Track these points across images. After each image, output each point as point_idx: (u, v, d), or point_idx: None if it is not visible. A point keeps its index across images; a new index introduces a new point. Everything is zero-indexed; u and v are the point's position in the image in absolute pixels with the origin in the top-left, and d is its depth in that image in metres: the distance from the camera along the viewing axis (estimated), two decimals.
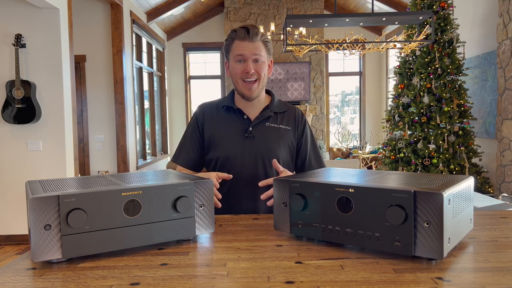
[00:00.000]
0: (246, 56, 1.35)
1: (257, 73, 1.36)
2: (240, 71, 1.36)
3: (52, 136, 3.72)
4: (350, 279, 0.69)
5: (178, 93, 8.04)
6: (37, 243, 0.75)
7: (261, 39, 1.37)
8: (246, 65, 1.35)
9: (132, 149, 5.66)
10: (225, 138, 1.42)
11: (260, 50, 1.36)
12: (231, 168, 1.38)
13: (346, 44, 4.14)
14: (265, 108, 1.44)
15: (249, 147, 1.39)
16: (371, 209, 0.79)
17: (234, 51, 1.37)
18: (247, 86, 1.37)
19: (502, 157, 4.01)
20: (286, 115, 1.48)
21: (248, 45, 1.34)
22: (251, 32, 1.34)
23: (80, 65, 5.34)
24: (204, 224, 0.93)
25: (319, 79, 7.57)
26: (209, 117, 1.46)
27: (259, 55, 1.36)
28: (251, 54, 1.35)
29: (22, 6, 3.62)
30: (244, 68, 1.35)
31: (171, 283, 0.69)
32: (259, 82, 1.38)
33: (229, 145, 1.40)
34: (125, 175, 1.01)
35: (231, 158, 1.39)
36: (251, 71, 1.35)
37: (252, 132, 1.41)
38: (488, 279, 0.68)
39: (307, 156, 1.50)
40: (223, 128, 1.43)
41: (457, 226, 0.81)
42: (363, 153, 4.73)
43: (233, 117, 1.44)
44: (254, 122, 1.42)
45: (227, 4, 7.43)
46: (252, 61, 1.35)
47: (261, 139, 1.40)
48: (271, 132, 1.42)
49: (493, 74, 4.31)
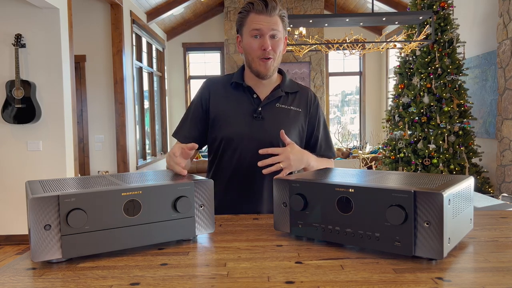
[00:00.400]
0: (263, 31, 1.25)
1: (273, 50, 1.27)
2: (257, 47, 1.26)
3: (52, 136, 3.72)
4: (350, 279, 0.69)
5: (178, 93, 8.04)
6: (37, 243, 0.75)
7: (279, 13, 1.27)
8: (263, 41, 1.25)
9: (132, 149, 5.66)
10: (232, 117, 1.32)
11: (278, 25, 1.26)
12: (237, 149, 1.31)
13: (346, 44, 4.14)
14: (276, 87, 1.36)
15: (257, 129, 1.30)
16: (371, 209, 0.79)
17: (249, 24, 1.26)
18: (263, 63, 1.27)
19: (502, 157, 4.01)
20: (297, 95, 1.39)
21: (265, 19, 1.24)
22: (269, 5, 1.24)
23: (80, 65, 5.34)
24: (204, 224, 0.93)
25: (319, 79, 7.57)
26: (216, 93, 1.36)
27: (276, 31, 1.26)
28: (268, 29, 1.25)
29: (22, 6, 3.62)
30: (262, 44, 1.25)
31: (171, 283, 0.69)
32: (275, 59, 1.29)
33: (236, 125, 1.31)
34: (125, 175, 1.01)
35: (237, 138, 1.31)
36: (269, 48, 1.25)
37: (261, 112, 1.31)
38: (488, 279, 0.68)
39: (318, 142, 1.42)
40: (230, 106, 1.34)
41: (457, 226, 0.81)
42: (363, 153, 4.73)
43: (242, 95, 1.35)
44: (264, 102, 1.33)
45: (227, 4, 7.43)
46: (270, 36, 1.26)
47: (271, 120, 1.31)
48: (281, 114, 1.33)
49: (493, 74, 4.31)
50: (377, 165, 5.21)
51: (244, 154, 1.31)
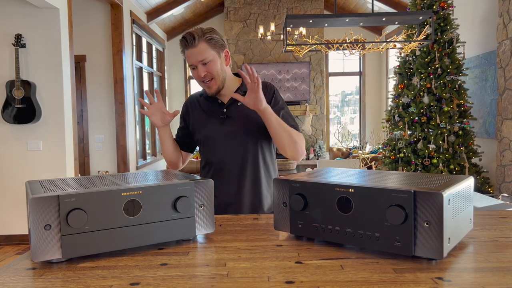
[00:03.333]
0: (194, 63, 1.47)
1: (209, 73, 1.47)
2: (197, 77, 1.49)
3: (52, 136, 3.73)
4: (350, 279, 0.69)
5: (178, 93, 8.04)
6: (37, 243, 0.75)
7: (201, 39, 1.44)
8: (197, 71, 1.47)
9: (132, 149, 5.66)
10: (204, 122, 1.59)
11: (203, 52, 1.44)
12: (215, 146, 1.55)
13: (346, 44, 4.14)
14: (236, 90, 1.56)
15: (226, 127, 1.53)
16: (371, 209, 0.79)
17: (187, 60, 1.50)
18: (206, 86, 1.51)
19: (502, 157, 4.01)
20: None
21: (192, 52, 1.45)
22: (189, 39, 1.44)
23: (80, 65, 5.34)
24: (204, 224, 0.93)
25: (319, 79, 7.57)
26: (192, 105, 1.64)
27: (204, 58, 1.45)
28: (196, 60, 1.45)
29: (22, 6, 3.62)
30: (197, 74, 1.48)
31: (171, 283, 0.69)
32: (216, 79, 1.49)
33: (208, 127, 1.57)
34: (125, 175, 1.01)
35: (211, 138, 1.55)
36: (203, 75, 1.47)
37: (226, 113, 1.55)
38: (488, 279, 0.68)
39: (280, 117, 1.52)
40: (203, 114, 1.60)
41: (457, 226, 0.81)
42: (363, 153, 4.73)
43: (211, 104, 1.59)
44: (227, 104, 1.56)
45: (227, 4, 7.43)
46: (201, 65, 1.46)
47: (236, 117, 1.54)
48: (244, 110, 1.50)
49: (493, 74, 4.31)
50: (377, 165, 5.21)
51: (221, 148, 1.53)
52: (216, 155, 1.55)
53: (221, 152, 1.54)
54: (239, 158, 1.51)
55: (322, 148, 7.50)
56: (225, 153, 1.53)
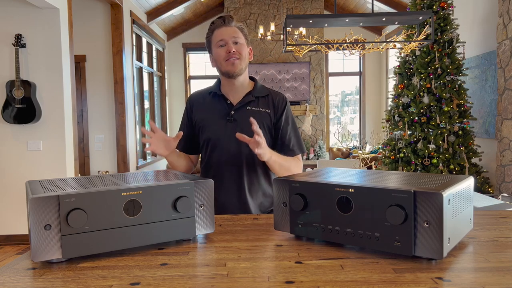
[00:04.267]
0: (226, 40, 1.46)
1: (238, 52, 1.46)
2: (223, 52, 1.47)
3: (52, 136, 3.73)
4: (350, 279, 0.69)
5: (178, 93, 8.04)
6: (37, 243, 0.75)
7: (237, 26, 1.50)
8: (227, 46, 1.46)
9: (132, 149, 5.66)
10: (210, 122, 1.54)
11: (237, 34, 1.48)
12: (218, 149, 1.51)
13: (346, 44, 4.14)
14: (247, 93, 1.54)
15: (231, 130, 1.48)
16: (371, 209, 0.79)
17: (215, 39, 1.49)
18: (231, 62, 1.46)
19: (502, 157, 4.01)
20: (267, 98, 1.56)
21: (227, 30, 1.47)
22: (227, 19, 1.48)
23: (80, 65, 5.34)
24: (204, 224, 0.93)
25: (319, 79, 7.57)
26: (197, 103, 1.59)
27: (237, 38, 1.48)
28: (230, 37, 1.46)
29: (22, 6, 3.62)
30: (226, 49, 1.46)
31: (171, 283, 0.70)
32: (241, 60, 1.47)
33: (214, 128, 1.52)
34: (125, 175, 1.01)
35: (216, 139, 1.51)
36: (233, 50, 1.45)
37: (233, 115, 1.51)
38: (488, 279, 0.68)
39: (287, 136, 1.54)
40: (208, 113, 1.55)
41: (457, 226, 0.81)
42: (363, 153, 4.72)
43: (218, 102, 1.55)
44: (236, 106, 1.52)
45: (227, 4, 7.43)
46: (232, 43, 1.47)
47: (243, 122, 1.48)
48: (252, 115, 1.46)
49: (493, 74, 4.31)
50: (377, 165, 5.21)
51: (223, 152, 1.50)
52: (218, 156, 1.52)
53: (223, 153, 1.51)
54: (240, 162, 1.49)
55: (322, 148, 7.50)
56: (228, 155, 1.50)
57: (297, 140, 1.57)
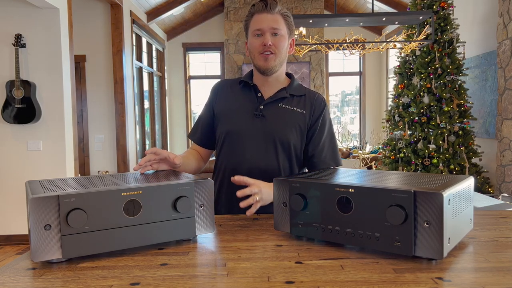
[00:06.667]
0: (264, 30, 1.29)
1: (274, 46, 1.29)
2: (258, 44, 1.30)
3: (52, 136, 3.72)
4: (350, 279, 0.69)
5: (178, 93, 8.04)
6: (37, 243, 0.75)
7: (280, 12, 1.31)
8: (264, 38, 1.29)
9: (132, 149, 5.66)
10: (234, 113, 1.36)
11: (279, 23, 1.30)
12: (238, 144, 1.33)
13: (346, 44, 4.14)
14: (282, 89, 1.37)
15: (258, 126, 1.32)
16: (371, 209, 0.79)
17: (252, 26, 1.32)
18: (264, 57, 1.30)
19: (502, 157, 4.00)
20: (303, 98, 1.38)
21: (266, 17, 1.29)
22: (269, 4, 1.29)
23: (80, 65, 5.34)
24: (204, 224, 0.93)
25: (319, 79, 7.57)
26: (222, 92, 1.42)
27: (277, 29, 1.29)
28: (268, 27, 1.29)
29: (22, 6, 3.62)
30: (262, 41, 1.29)
31: (171, 283, 0.69)
32: (277, 55, 1.30)
33: (237, 120, 1.34)
34: (125, 175, 1.01)
35: (237, 134, 1.33)
36: (269, 43, 1.28)
37: (262, 110, 1.33)
38: (488, 279, 0.68)
39: (321, 144, 1.35)
40: (234, 103, 1.38)
41: (457, 226, 0.81)
42: (363, 153, 4.72)
43: (247, 93, 1.38)
44: (267, 101, 1.34)
45: (227, 4, 7.42)
46: (271, 34, 1.29)
47: (272, 119, 1.32)
48: (283, 114, 1.33)
49: (493, 74, 4.31)
50: (377, 165, 5.21)
51: (244, 150, 1.32)
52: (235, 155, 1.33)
53: (241, 152, 1.32)
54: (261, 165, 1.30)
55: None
56: (247, 155, 1.32)
57: (332, 151, 1.36)
